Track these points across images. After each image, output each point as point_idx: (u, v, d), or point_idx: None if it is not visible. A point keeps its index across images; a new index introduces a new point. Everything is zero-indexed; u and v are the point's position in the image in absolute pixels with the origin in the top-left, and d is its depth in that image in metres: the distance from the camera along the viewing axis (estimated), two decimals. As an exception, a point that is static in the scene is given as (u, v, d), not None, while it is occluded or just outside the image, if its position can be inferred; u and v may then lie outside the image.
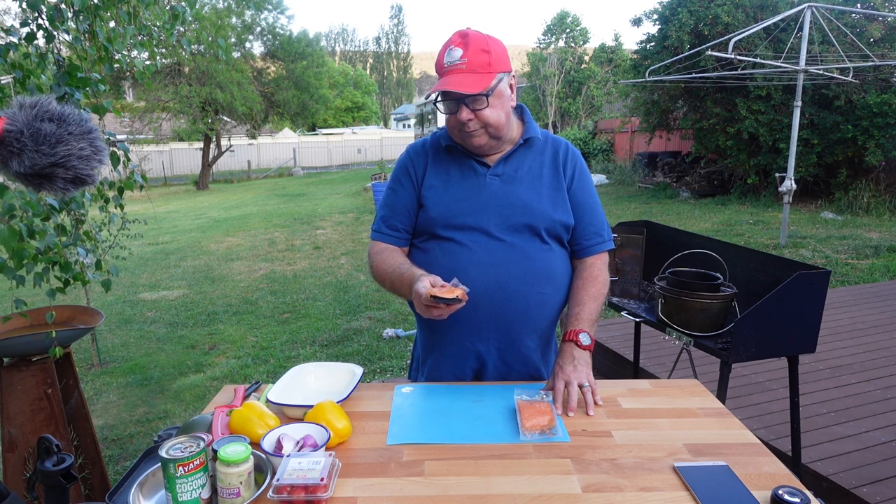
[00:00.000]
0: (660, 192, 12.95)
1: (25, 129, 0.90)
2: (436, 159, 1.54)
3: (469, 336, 1.47)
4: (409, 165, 1.56)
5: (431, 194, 1.51)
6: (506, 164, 1.50)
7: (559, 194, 1.50)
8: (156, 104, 19.12)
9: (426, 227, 1.51)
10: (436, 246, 1.50)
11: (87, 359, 4.50)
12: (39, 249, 2.01)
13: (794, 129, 7.18)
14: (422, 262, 1.50)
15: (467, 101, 1.38)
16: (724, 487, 1.02)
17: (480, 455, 1.15)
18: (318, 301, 5.89)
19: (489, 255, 1.44)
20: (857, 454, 2.44)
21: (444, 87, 1.36)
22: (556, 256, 1.50)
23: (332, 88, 37.05)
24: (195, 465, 0.96)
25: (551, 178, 1.51)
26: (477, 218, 1.46)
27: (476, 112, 1.39)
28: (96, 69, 2.22)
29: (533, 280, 1.45)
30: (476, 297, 1.42)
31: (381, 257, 1.53)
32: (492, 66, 1.38)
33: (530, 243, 1.47)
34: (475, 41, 1.38)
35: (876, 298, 4.68)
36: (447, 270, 1.43)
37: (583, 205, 1.54)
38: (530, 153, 1.52)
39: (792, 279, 1.83)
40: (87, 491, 2.34)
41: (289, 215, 12.40)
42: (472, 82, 1.36)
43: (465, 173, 1.50)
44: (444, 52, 1.41)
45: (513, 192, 1.47)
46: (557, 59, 23.98)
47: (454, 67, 1.38)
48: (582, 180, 1.55)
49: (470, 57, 1.37)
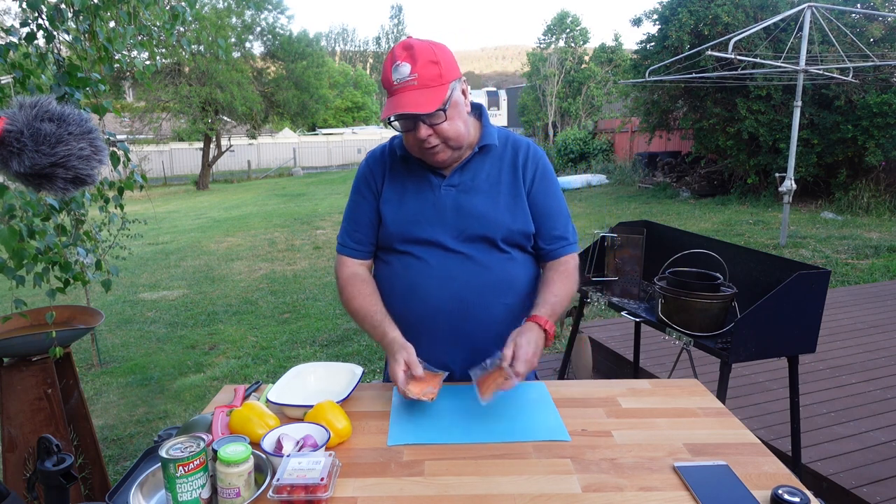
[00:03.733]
0: (660, 192, 12.95)
1: (25, 129, 0.90)
2: (392, 170, 1.51)
3: (432, 348, 1.44)
4: (369, 176, 1.53)
5: (388, 208, 1.48)
6: (462, 174, 1.45)
7: (518, 202, 1.46)
8: (156, 104, 19.12)
9: (385, 240, 1.50)
10: (396, 259, 1.49)
11: (87, 359, 4.50)
12: (39, 249, 2.01)
13: (794, 129, 7.18)
14: (384, 275, 1.51)
15: (424, 118, 1.32)
16: (724, 487, 1.02)
17: (480, 455, 1.15)
18: (318, 301, 5.89)
19: (446, 268, 1.42)
20: (857, 454, 2.44)
21: (400, 110, 1.29)
22: (517, 265, 1.47)
23: (332, 88, 37.01)
24: (195, 465, 0.96)
25: (510, 184, 1.46)
26: (433, 231, 1.43)
27: (434, 127, 1.33)
28: (96, 69, 2.22)
29: (492, 292, 1.43)
30: (434, 312, 1.42)
31: (351, 291, 1.50)
32: (443, 77, 1.31)
33: (488, 254, 1.44)
34: (422, 53, 1.30)
35: (876, 298, 4.68)
36: (406, 284, 1.45)
37: (545, 209, 1.49)
38: (488, 159, 1.47)
39: (792, 279, 1.84)
40: (87, 491, 2.34)
41: (289, 215, 12.39)
42: (426, 99, 1.29)
43: (420, 185, 1.46)
44: (389, 67, 1.32)
45: (469, 203, 1.43)
46: (557, 59, 23.97)
47: (405, 84, 1.30)
48: (544, 183, 1.49)
49: (420, 71, 1.29)
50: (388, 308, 1.49)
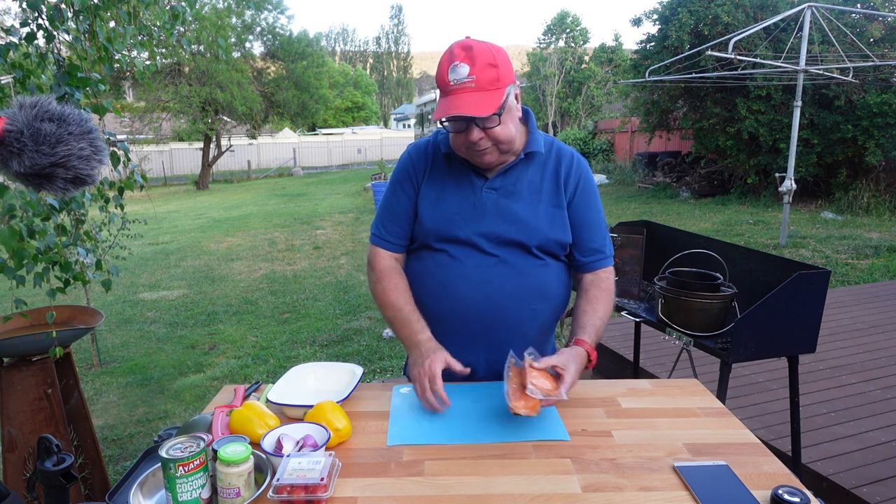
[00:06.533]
0: (660, 192, 12.95)
1: (25, 129, 0.90)
2: (434, 166, 1.51)
3: (459, 348, 1.46)
4: (411, 169, 1.53)
5: (426, 204, 1.48)
6: (505, 178, 1.45)
7: (558, 211, 1.46)
8: (156, 104, 19.12)
9: (420, 236, 1.50)
10: (429, 257, 1.49)
11: (87, 359, 4.50)
12: (39, 249, 2.01)
13: (794, 129, 7.18)
14: (417, 271, 1.51)
15: (478, 120, 1.31)
16: (724, 487, 1.02)
17: (480, 455, 1.15)
18: (318, 301, 5.89)
19: (480, 270, 1.43)
20: (857, 454, 2.44)
21: (456, 111, 1.28)
22: (551, 271, 1.47)
23: (332, 88, 37.05)
24: (195, 465, 0.96)
25: (551, 193, 1.46)
26: (469, 232, 1.43)
27: (487, 130, 1.33)
28: (96, 69, 2.22)
29: (524, 297, 1.43)
30: (465, 312, 1.43)
31: (386, 284, 1.50)
32: (500, 81, 1.30)
33: (523, 259, 1.44)
34: (481, 55, 1.29)
35: (876, 298, 4.68)
36: (439, 282, 1.45)
37: (584, 221, 1.49)
38: (531, 166, 1.47)
39: (792, 279, 1.83)
40: (87, 491, 2.34)
41: (289, 215, 12.39)
42: (483, 103, 1.28)
43: (462, 185, 1.46)
44: (446, 67, 1.31)
45: (508, 208, 1.43)
46: (557, 59, 23.98)
47: (462, 86, 1.29)
48: (585, 195, 1.49)
49: (478, 74, 1.28)
50: (419, 304, 1.50)
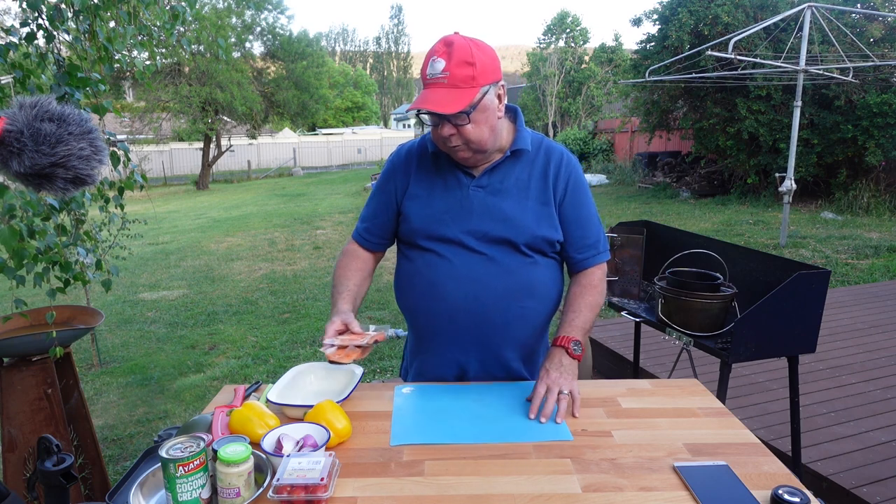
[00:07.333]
0: (660, 192, 12.95)
1: (25, 129, 0.90)
2: (421, 166, 1.51)
3: (449, 346, 1.47)
4: (394, 169, 1.55)
5: (414, 203, 1.49)
6: (491, 176, 1.45)
7: (546, 209, 1.45)
8: (156, 104, 19.12)
9: (409, 236, 1.50)
10: (418, 256, 1.49)
11: (87, 359, 4.50)
12: (39, 249, 2.01)
13: (794, 129, 7.18)
14: (406, 271, 1.52)
15: (449, 117, 1.32)
16: (724, 487, 1.02)
17: (480, 455, 1.15)
18: (318, 301, 5.89)
19: (468, 269, 1.43)
20: (857, 454, 2.44)
21: (423, 105, 1.29)
22: (540, 269, 1.47)
23: (332, 88, 37.05)
24: (195, 465, 0.96)
25: (539, 191, 1.46)
26: (457, 230, 1.43)
27: (458, 128, 1.33)
28: (96, 69, 2.22)
29: (513, 295, 1.43)
30: (454, 311, 1.43)
31: (342, 260, 1.59)
32: (476, 80, 1.29)
33: (511, 257, 1.44)
34: (459, 52, 1.29)
35: (876, 298, 4.68)
36: (428, 282, 1.46)
37: (576, 219, 1.49)
38: (518, 164, 1.47)
39: (792, 279, 1.83)
40: (87, 491, 2.34)
41: (289, 215, 12.39)
42: (451, 100, 1.28)
43: (449, 183, 1.47)
44: (427, 60, 1.32)
45: (496, 205, 1.43)
46: (557, 59, 23.97)
47: (435, 81, 1.30)
48: (576, 193, 1.48)
49: (452, 70, 1.28)
50: (408, 304, 1.51)
